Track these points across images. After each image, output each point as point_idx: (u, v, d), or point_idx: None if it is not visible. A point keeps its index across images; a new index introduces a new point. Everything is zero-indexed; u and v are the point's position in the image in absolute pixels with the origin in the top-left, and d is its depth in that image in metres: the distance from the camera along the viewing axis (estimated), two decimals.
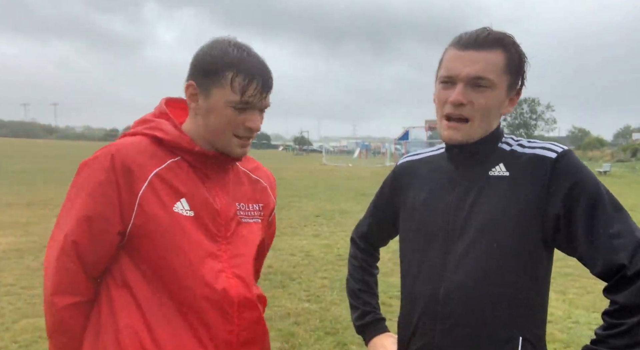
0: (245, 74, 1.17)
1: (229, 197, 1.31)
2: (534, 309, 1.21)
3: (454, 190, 1.26)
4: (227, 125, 1.20)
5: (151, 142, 1.23)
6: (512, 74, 1.20)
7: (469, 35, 1.19)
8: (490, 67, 1.16)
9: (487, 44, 1.17)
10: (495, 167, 1.22)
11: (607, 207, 1.11)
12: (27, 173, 18.58)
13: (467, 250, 1.20)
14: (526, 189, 1.17)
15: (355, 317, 1.50)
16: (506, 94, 1.22)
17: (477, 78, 1.16)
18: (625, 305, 1.05)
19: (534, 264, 1.18)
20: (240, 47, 1.21)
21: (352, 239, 1.62)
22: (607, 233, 1.09)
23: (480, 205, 1.21)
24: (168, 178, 1.21)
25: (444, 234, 1.24)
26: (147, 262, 1.20)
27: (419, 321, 1.27)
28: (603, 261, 1.08)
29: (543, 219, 1.15)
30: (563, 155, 1.16)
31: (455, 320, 1.20)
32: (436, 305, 1.22)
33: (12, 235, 7.54)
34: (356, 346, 3.84)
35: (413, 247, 1.33)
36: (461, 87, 1.17)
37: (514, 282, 1.17)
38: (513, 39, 1.20)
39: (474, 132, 1.21)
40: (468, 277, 1.19)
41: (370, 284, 1.53)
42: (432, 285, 1.23)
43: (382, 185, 1.52)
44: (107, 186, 1.15)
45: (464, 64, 1.17)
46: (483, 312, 1.18)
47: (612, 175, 27.34)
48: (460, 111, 1.19)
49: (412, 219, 1.35)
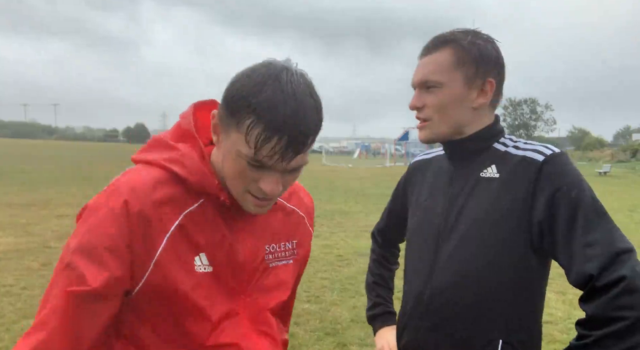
0: (266, 127, 0.87)
1: (256, 239, 1.10)
2: (520, 313, 1.19)
3: (449, 190, 1.28)
4: (239, 179, 0.95)
5: (171, 179, 0.99)
6: (466, 67, 1.21)
7: (426, 44, 1.28)
8: (435, 67, 1.23)
9: (434, 47, 1.25)
10: (487, 168, 1.23)
11: (589, 214, 1.08)
12: (27, 173, 18.57)
13: (453, 251, 1.22)
14: (514, 192, 1.16)
15: (367, 308, 1.60)
16: (464, 86, 1.22)
17: (424, 82, 1.25)
18: (593, 316, 1.03)
19: (520, 269, 1.17)
20: (281, 83, 0.87)
21: (372, 234, 1.71)
22: (583, 241, 1.06)
23: (469, 206, 1.22)
24: (189, 229, 0.99)
25: (436, 234, 1.27)
26: (156, 320, 1.01)
27: (409, 318, 1.31)
28: (575, 270, 1.06)
29: (528, 224, 1.14)
30: (550, 158, 1.15)
31: (438, 319, 1.23)
32: (423, 303, 1.26)
33: (12, 235, 7.53)
34: (356, 346, 3.84)
35: (412, 245, 1.37)
36: (416, 93, 1.28)
37: (497, 286, 1.17)
38: (466, 34, 1.24)
39: (436, 129, 1.26)
40: (452, 278, 1.21)
41: (385, 278, 1.61)
42: (421, 284, 1.27)
43: (398, 182, 1.57)
44: (119, 241, 0.93)
45: (417, 72, 1.28)
46: (464, 313, 1.19)
47: (612, 175, 27.34)
48: (419, 114, 1.28)
49: (414, 217, 1.39)
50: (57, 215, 9.37)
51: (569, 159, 1.17)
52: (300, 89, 0.89)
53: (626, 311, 0.98)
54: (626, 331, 0.98)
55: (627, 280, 0.99)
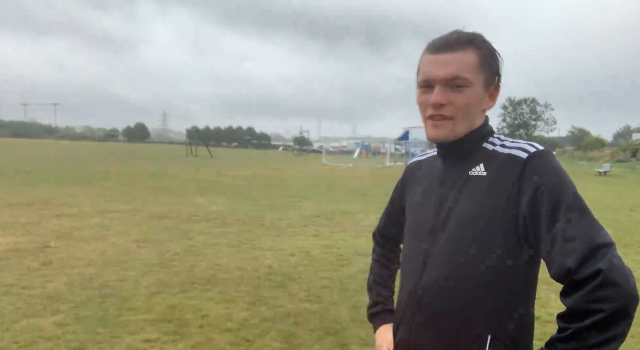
0: None
1: None
2: (509, 308, 1.20)
3: (440, 189, 1.31)
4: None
5: None
6: (486, 71, 1.23)
7: (440, 40, 1.24)
8: (464, 66, 1.20)
9: (458, 45, 1.21)
10: (476, 167, 1.25)
11: (571, 209, 1.10)
12: (27, 173, 18.58)
13: (443, 248, 1.25)
14: (500, 190, 1.18)
15: (367, 306, 1.63)
16: (484, 91, 1.24)
17: (453, 78, 1.20)
18: (571, 309, 1.05)
19: (509, 265, 1.18)
20: None
21: (373, 234, 1.74)
22: (563, 236, 1.08)
23: (459, 204, 1.25)
24: None
25: (429, 232, 1.29)
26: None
27: (403, 313, 1.35)
28: (556, 264, 1.08)
29: (514, 220, 1.16)
30: (534, 156, 1.16)
31: (430, 314, 1.26)
32: (415, 299, 1.29)
33: (12, 235, 7.52)
34: (356, 346, 3.84)
35: (408, 244, 1.41)
36: (439, 89, 1.22)
37: (486, 281, 1.19)
38: (483, 38, 1.24)
39: (457, 130, 1.24)
40: (442, 274, 1.23)
41: (385, 277, 1.64)
42: (414, 280, 1.31)
43: (397, 183, 1.59)
44: None
45: (439, 67, 1.21)
46: (454, 308, 1.21)
47: (612, 175, 27.34)
48: (441, 112, 1.23)
49: (409, 217, 1.43)
50: (57, 215, 9.36)
51: (553, 156, 1.19)
52: None
53: (604, 303, 1.00)
54: (604, 323, 1.00)
55: (605, 273, 1.00)
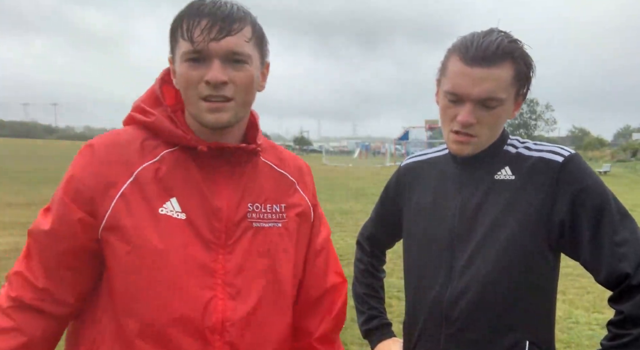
0: (194, 15, 1.00)
1: (238, 196, 1.11)
2: (541, 312, 1.20)
3: (460, 194, 1.24)
4: (187, 84, 1.02)
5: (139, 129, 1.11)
6: (519, 83, 1.17)
7: (476, 48, 1.11)
8: (499, 84, 1.12)
9: (496, 59, 1.10)
10: (501, 170, 1.21)
11: (614, 213, 1.10)
12: (27, 173, 18.56)
13: (472, 255, 1.19)
14: (532, 193, 1.15)
15: (361, 322, 1.51)
16: (513, 104, 1.20)
17: (487, 99, 1.13)
18: (630, 315, 1.04)
19: (539, 269, 1.17)
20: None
21: (357, 242, 1.62)
22: (612, 240, 1.07)
23: (485, 209, 1.19)
24: (159, 174, 1.05)
25: (449, 239, 1.23)
26: (114, 274, 1.02)
27: (424, 326, 1.26)
28: (607, 269, 1.07)
29: (548, 224, 1.14)
30: (570, 159, 1.15)
31: (461, 325, 1.19)
32: (441, 310, 1.21)
33: (12, 235, 7.52)
34: (356, 346, 3.84)
35: (418, 251, 1.32)
36: (470, 107, 1.13)
37: (520, 287, 1.16)
38: (522, 49, 1.14)
39: (482, 145, 1.20)
40: (473, 282, 1.18)
41: (376, 288, 1.54)
42: (437, 290, 1.23)
43: (386, 186, 1.51)
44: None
45: (473, 84, 1.11)
46: (489, 316, 1.17)
47: (612, 175, 27.33)
48: (468, 130, 1.16)
49: (417, 222, 1.33)
50: None
51: (584, 160, 1.18)
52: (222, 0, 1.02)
53: None
54: None
55: None
